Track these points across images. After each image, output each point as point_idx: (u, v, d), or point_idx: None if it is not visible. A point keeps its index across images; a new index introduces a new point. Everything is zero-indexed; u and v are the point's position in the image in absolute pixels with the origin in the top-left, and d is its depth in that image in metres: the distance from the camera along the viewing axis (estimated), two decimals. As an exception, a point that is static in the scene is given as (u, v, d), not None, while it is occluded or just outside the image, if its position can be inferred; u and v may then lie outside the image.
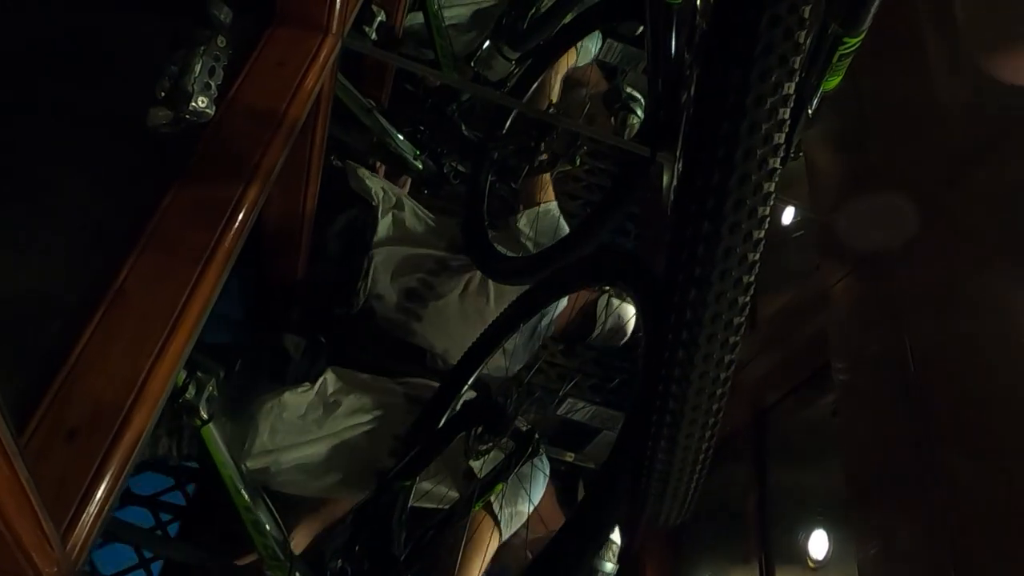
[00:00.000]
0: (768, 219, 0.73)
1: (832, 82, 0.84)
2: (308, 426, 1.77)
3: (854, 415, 1.74)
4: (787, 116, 0.69)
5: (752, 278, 0.75)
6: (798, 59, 0.67)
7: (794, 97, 0.69)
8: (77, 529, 0.93)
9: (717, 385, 0.81)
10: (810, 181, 2.04)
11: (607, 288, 2.06)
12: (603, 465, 1.24)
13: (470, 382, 1.77)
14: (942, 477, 1.44)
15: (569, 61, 2.43)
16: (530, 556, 1.82)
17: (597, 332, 2.08)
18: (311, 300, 2.01)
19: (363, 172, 2.22)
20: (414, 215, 2.22)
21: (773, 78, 0.66)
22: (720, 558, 2.20)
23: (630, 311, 2.08)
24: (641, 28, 1.77)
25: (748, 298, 0.77)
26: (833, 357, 1.81)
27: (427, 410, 1.79)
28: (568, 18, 2.34)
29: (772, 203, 0.72)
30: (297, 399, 1.78)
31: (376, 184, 2.21)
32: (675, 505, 0.98)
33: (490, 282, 2.08)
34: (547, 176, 2.18)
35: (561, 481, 2.03)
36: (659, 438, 0.87)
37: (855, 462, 1.70)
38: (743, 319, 0.78)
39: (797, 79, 0.68)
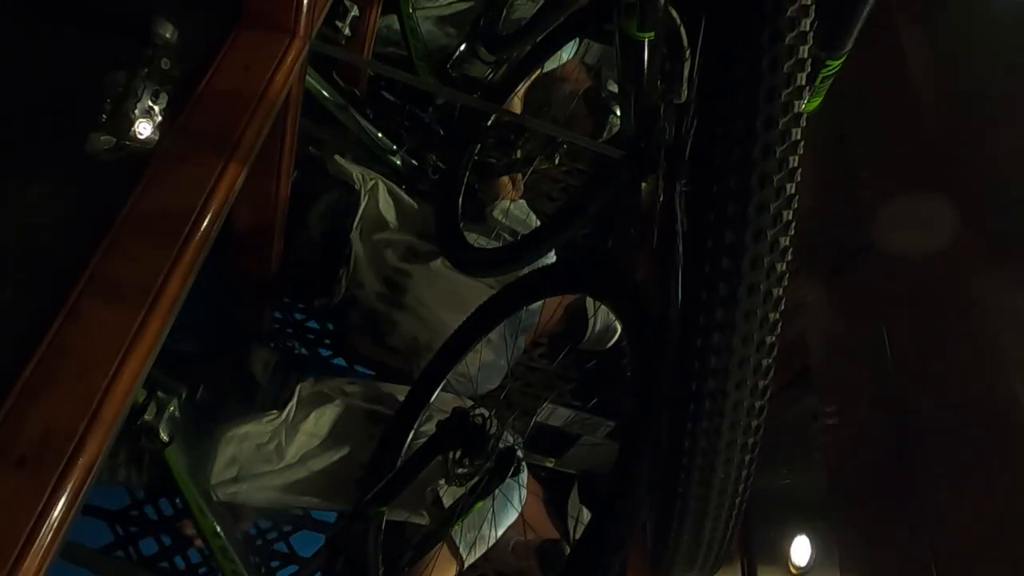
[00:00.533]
0: (790, 250, 0.70)
1: (813, 103, 0.83)
2: (269, 455, 1.74)
3: (835, 417, 1.73)
4: (799, 143, 0.67)
5: (778, 315, 0.72)
6: (803, 76, 0.65)
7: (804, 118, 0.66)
8: (27, 560, 0.88)
9: (748, 435, 0.77)
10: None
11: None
12: (607, 495, 1.21)
13: (434, 396, 1.74)
14: (924, 479, 1.43)
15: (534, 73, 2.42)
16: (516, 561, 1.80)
17: (589, 334, 2.05)
18: (289, 289, 1.96)
19: (339, 158, 2.18)
20: (387, 198, 2.19)
21: (782, 98, 0.64)
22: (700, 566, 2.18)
23: None
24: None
25: (775, 338, 0.73)
26: (813, 360, 1.79)
27: (392, 425, 1.76)
28: (549, 28, 2.32)
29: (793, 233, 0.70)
30: (261, 428, 1.74)
31: (354, 168, 2.17)
32: (710, 556, 0.93)
33: None
34: (516, 176, 2.16)
35: (549, 486, 2.00)
36: (688, 491, 0.82)
37: (837, 466, 1.69)
38: (772, 361, 0.74)
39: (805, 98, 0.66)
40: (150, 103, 1.07)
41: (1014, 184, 1.49)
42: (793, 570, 1.76)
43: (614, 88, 2.61)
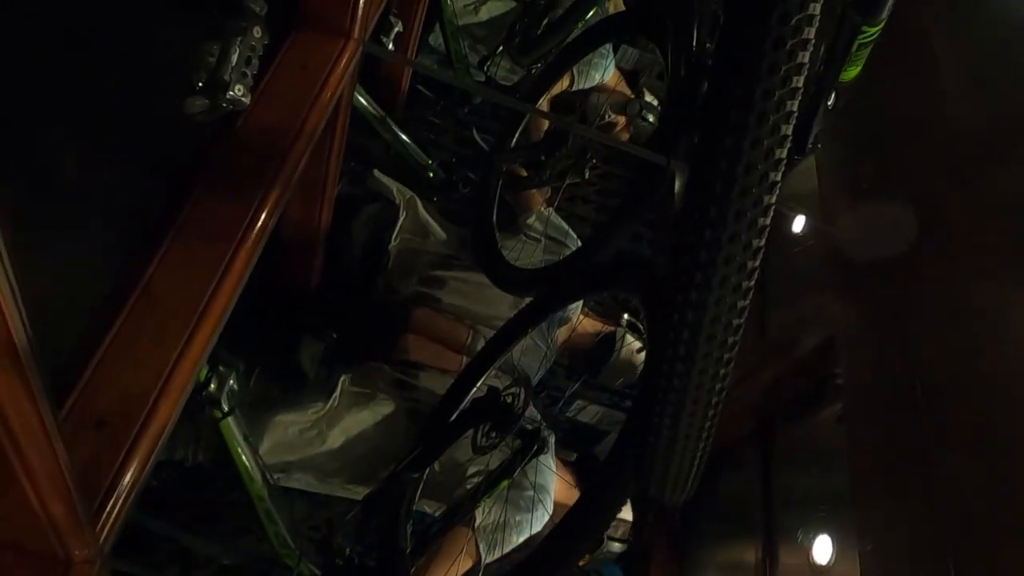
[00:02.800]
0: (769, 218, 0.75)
1: (851, 72, 0.86)
2: (310, 442, 1.81)
3: (859, 422, 1.76)
4: (789, 132, 0.71)
5: (756, 263, 0.77)
6: (806, 54, 0.68)
7: (796, 113, 0.70)
8: (105, 514, 0.95)
9: (720, 365, 0.83)
10: (820, 191, 2.07)
11: (624, 324, 2.11)
12: (611, 450, 1.26)
13: (480, 383, 1.80)
14: (945, 482, 1.46)
15: (562, 85, 2.47)
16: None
17: (613, 357, 2.11)
18: (329, 292, 2.05)
19: (379, 173, 2.27)
20: (424, 213, 2.27)
21: (782, 72, 0.67)
22: (725, 563, 2.21)
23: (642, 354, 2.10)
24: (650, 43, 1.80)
25: (751, 283, 0.78)
26: (840, 365, 1.83)
27: (439, 407, 1.82)
28: (577, 29, 2.38)
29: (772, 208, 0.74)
30: (305, 417, 1.82)
31: (393, 184, 2.26)
32: (679, 481, 0.99)
33: None
34: (543, 190, 2.22)
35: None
36: (663, 413, 0.88)
37: (859, 468, 1.72)
38: (746, 303, 0.79)
39: (799, 97, 0.70)
40: (244, 68, 1.14)
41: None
42: (815, 569, 1.79)
43: (651, 98, 2.67)
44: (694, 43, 1.04)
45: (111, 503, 0.94)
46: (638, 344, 2.11)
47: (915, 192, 1.73)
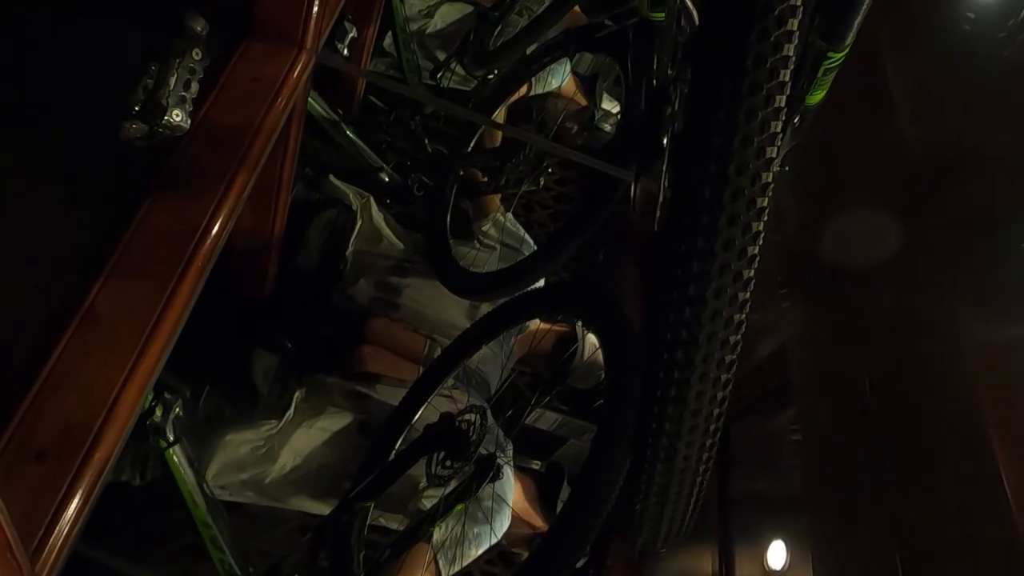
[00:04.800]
0: (762, 235, 0.75)
1: (817, 96, 0.87)
2: (261, 460, 1.77)
3: (811, 429, 1.80)
4: (779, 129, 0.71)
5: (748, 295, 0.77)
6: (787, 72, 0.68)
7: (785, 111, 0.70)
8: (46, 552, 0.91)
9: (714, 404, 0.82)
10: (775, 203, 2.10)
11: (581, 324, 2.10)
12: (579, 479, 1.25)
13: (430, 399, 1.78)
14: (894, 486, 1.50)
15: (520, 91, 2.47)
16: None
17: (576, 360, 2.10)
18: (284, 303, 2.00)
19: (334, 178, 2.24)
20: (379, 217, 2.24)
21: (764, 91, 0.67)
22: (682, 568, 2.24)
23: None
24: (608, 57, 1.80)
25: (744, 316, 0.78)
26: (792, 373, 1.86)
27: (388, 425, 1.80)
28: (535, 45, 2.38)
29: (767, 218, 0.74)
30: (257, 435, 1.78)
31: (349, 188, 2.23)
32: (674, 526, 0.98)
33: None
34: (498, 195, 2.21)
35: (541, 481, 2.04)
36: (655, 460, 0.87)
37: (811, 473, 1.75)
38: (739, 337, 0.79)
39: (787, 92, 0.70)
40: (182, 92, 1.11)
41: (987, 210, 1.57)
42: (769, 573, 1.82)
43: (608, 105, 2.68)
44: (654, 66, 1.04)
45: (51, 540, 0.90)
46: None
47: (867, 205, 1.78)
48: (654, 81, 1.04)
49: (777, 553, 1.83)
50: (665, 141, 0.98)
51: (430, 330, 2.06)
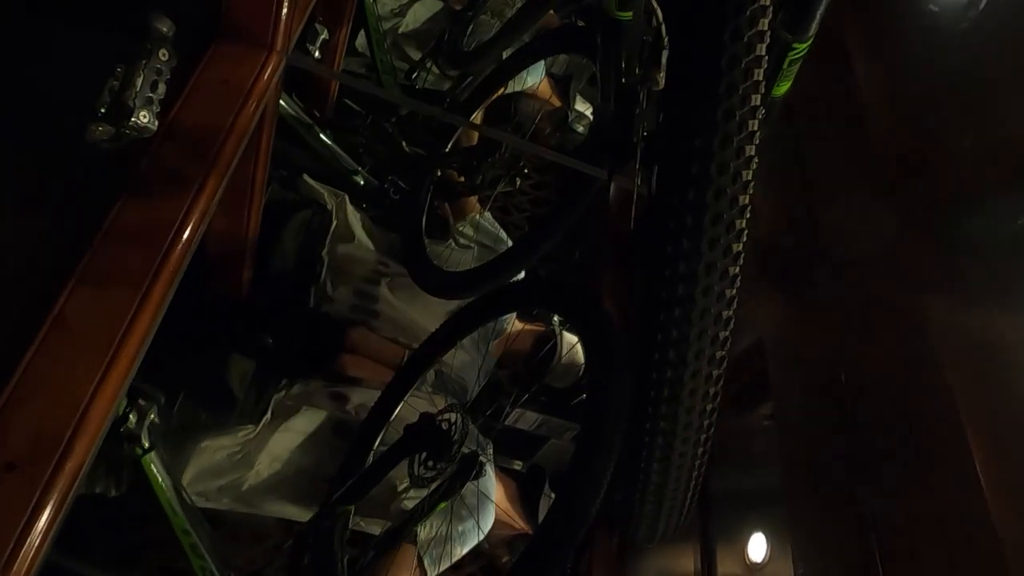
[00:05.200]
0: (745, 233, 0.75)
1: (783, 87, 0.88)
2: (238, 465, 1.75)
3: (788, 421, 1.81)
4: (757, 127, 0.72)
5: (735, 292, 0.77)
6: (761, 71, 0.69)
7: (762, 109, 0.71)
8: (16, 564, 0.89)
9: (708, 400, 0.83)
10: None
11: (557, 322, 2.10)
12: (565, 478, 1.25)
13: (405, 398, 1.77)
14: (870, 481, 1.52)
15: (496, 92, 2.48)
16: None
17: (555, 360, 2.10)
18: (260, 305, 1.98)
19: (308, 178, 2.22)
20: (355, 217, 2.23)
21: (740, 92, 0.68)
22: (664, 564, 2.25)
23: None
24: (584, 58, 1.81)
25: (732, 312, 0.78)
26: (769, 366, 1.87)
27: (365, 426, 1.79)
28: (512, 47, 2.39)
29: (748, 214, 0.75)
30: (234, 440, 1.76)
31: (324, 188, 2.21)
32: (671, 522, 0.99)
33: None
34: (477, 196, 2.22)
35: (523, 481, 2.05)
36: (652, 460, 0.87)
37: (789, 466, 1.77)
38: (728, 333, 0.79)
39: (762, 91, 0.71)
40: (149, 93, 1.10)
41: (958, 200, 1.60)
42: (750, 566, 1.83)
43: (581, 106, 2.69)
44: (622, 66, 1.05)
45: (22, 553, 0.88)
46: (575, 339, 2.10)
47: (840, 198, 1.80)
48: (623, 80, 1.05)
49: (757, 546, 1.85)
50: (636, 140, 0.99)
51: (409, 338, 2.06)
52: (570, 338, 2.12)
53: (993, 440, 1.31)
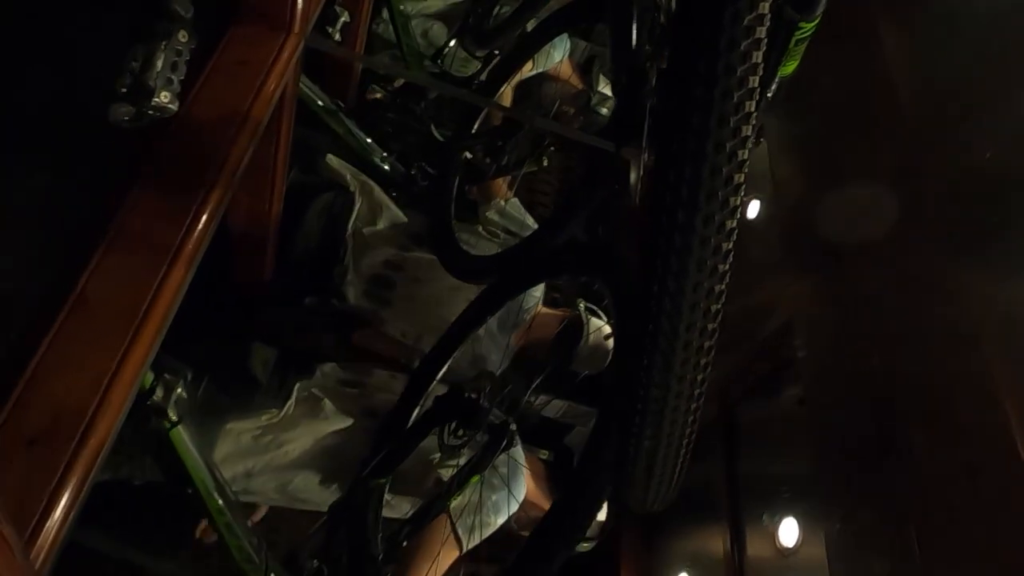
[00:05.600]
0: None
1: (789, 67, 0.86)
2: (265, 451, 1.76)
3: (819, 403, 1.78)
4: (753, 108, 0.71)
5: (727, 266, 0.76)
6: (759, 53, 0.68)
7: (759, 89, 0.70)
8: (40, 539, 0.90)
9: (701, 355, 0.82)
10: (773, 175, 2.08)
11: (583, 308, 2.08)
12: (584, 450, 1.24)
13: (438, 377, 1.76)
14: (906, 459, 1.48)
15: (525, 69, 2.45)
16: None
17: (582, 343, 2.07)
18: (281, 292, 1.99)
19: (332, 159, 2.22)
20: (380, 199, 2.23)
21: (738, 72, 0.67)
22: (693, 549, 2.23)
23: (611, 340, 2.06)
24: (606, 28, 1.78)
25: (724, 286, 0.77)
26: (798, 348, 1.84)
27: (397, 407, 1.79)
28: (533, 20, 2.36)
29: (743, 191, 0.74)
30: (258, 425, 1.77)
31: (347, 169, 2.21)
32: (662, 487, 0.98)
33: None
34: (506, 178, 2.20)
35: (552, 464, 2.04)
36: (644, 419, 0.87)
37: (822, 449, 1.73)
38: (724, 287, 0.78)
39: (760, 72, 0.69)
40: (170, 74, 1.11)
41: (991, 174, 1.54)
42: (782, 551, 1.80)
43: (604, 89, 2.66)
44: (634, 37, 1.03)
45: (46, 527, 0.90)
46: (607, 329, 2.08)
47: (865, 175, 1.75)
48: (634, 56, 1.03)
49: (789, 531, 1.81)
50: (644, 115, 0.98)
51: (420, 328, 2.04)
52: (596, 321, 2.10)
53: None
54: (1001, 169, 1.52)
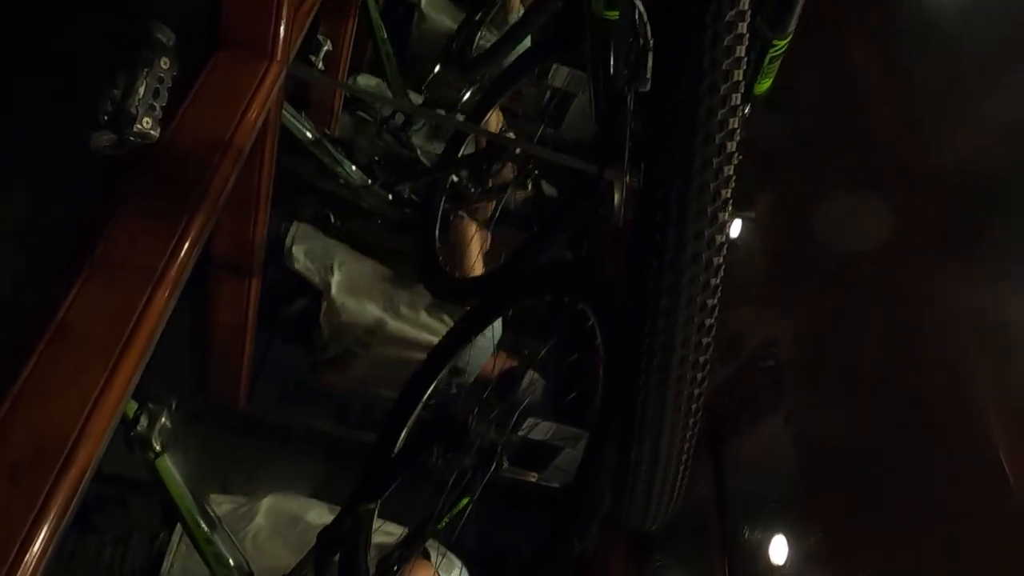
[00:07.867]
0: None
1: (764, 84, 0.88)
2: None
3: (806, 417, 1.78)
4: (736, 125, 0.72)
5: (719, 280, 0.77)
6: (740, 72, 0.70)
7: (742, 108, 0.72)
8: (20, 571, 0.89)
9: (697, 369, 0.82)
10: (758, 193, 2.10)
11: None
12: (578, 472, 1.23)
13: (423, 401, 1.76)
14: (892, 473, 1.49)
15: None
16: None
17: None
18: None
19: (301, 237, 2.24)
20: (353, 275, 2.26)
21: (721, 91, 0.69)
22: (684, 568, 2.21)
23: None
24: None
25: (716, 300, 0.78)
26: (783, 363, 1.85)
27: (383, 432, 1.77)
28: (518, 49, 2.39)
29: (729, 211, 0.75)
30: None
31: (317, 246, 2.24)
32: (662, 504, 0.98)
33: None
34: (489, 204, 2.23)
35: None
36: (643, 437, 0.87)
37: (809, 465, 1.74)
38: (716, 302, 0.79)
39: (742, 89, 0.71)
40: (151, 101, 1.12)
41: (970, 183, 1.57)
42: (772, 568, 1.79)
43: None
44: (611, 62, 1.05)
45: (25, 559, 0.88)
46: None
47: (846, 190, 1.77)
48: (612, 80, 1.05)
49: (779, 548, 1.81)
50: (625, 138, 0.99)
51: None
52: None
53: (1012, 414, 1.28)
54: (976, 179, 1.55)
